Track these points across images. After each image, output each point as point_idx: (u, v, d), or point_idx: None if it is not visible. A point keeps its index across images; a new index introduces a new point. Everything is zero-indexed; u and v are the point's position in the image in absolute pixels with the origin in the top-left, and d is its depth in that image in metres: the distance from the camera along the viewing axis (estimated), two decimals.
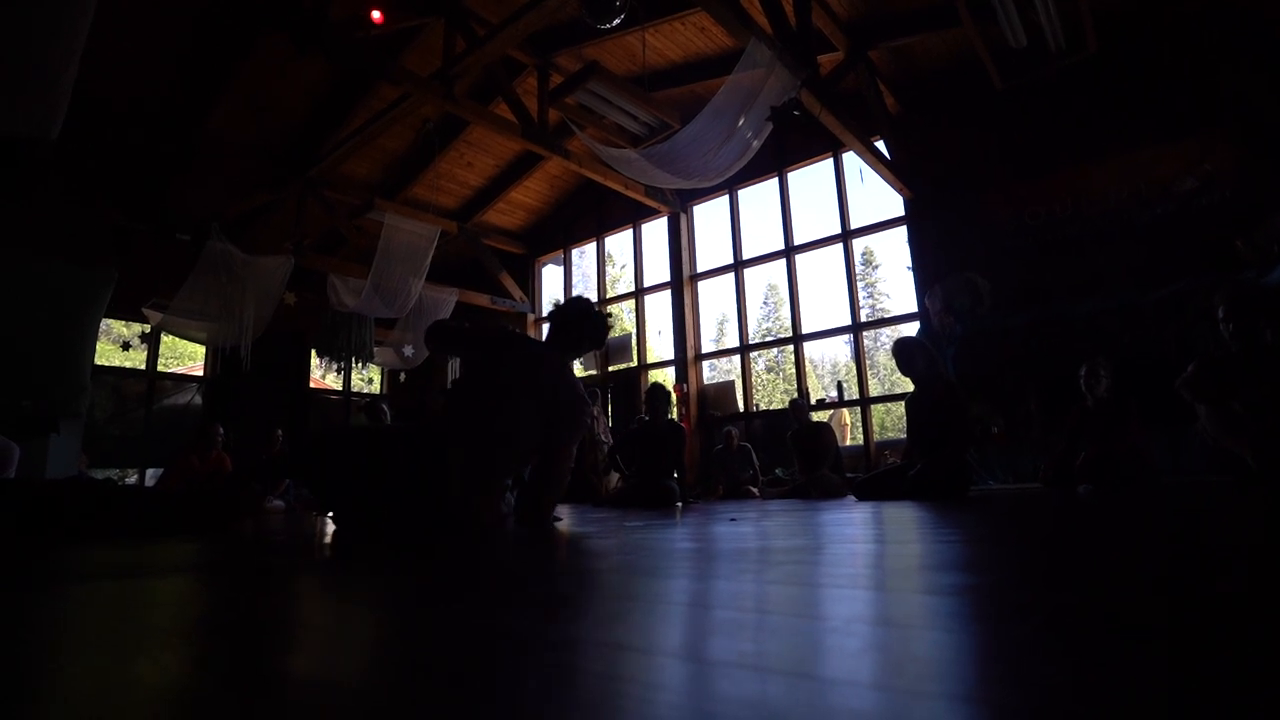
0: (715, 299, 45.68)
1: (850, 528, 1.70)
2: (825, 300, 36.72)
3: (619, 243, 9.66)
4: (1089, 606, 0.59)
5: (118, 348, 7.99)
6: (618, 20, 4.65)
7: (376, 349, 7.95)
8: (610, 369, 8.72)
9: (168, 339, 8.31)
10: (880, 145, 6.31)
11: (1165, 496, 2.52)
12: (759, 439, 7.07)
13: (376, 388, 11.20)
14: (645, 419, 4.94)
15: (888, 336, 22.21)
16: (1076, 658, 0.41)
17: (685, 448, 4.80)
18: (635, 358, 8.74)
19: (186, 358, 18.54)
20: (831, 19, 5.61)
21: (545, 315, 9.59)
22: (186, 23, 5.44)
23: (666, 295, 8.41)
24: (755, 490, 5.90)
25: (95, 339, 4.72)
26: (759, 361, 25.41)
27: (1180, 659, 0.40)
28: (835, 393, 8.16)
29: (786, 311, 14.03)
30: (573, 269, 9.91)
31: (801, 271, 7.64)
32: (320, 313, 7.48)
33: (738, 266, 7.93)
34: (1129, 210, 5.36)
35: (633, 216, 8.67)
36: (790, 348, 7.76)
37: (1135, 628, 0.49)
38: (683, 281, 8.20)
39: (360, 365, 8.30)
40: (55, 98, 2.46)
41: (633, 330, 8.98)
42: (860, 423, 7.23)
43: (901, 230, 6.74)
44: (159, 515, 2.12)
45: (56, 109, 2.48)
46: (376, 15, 5.25)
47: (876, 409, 14.24)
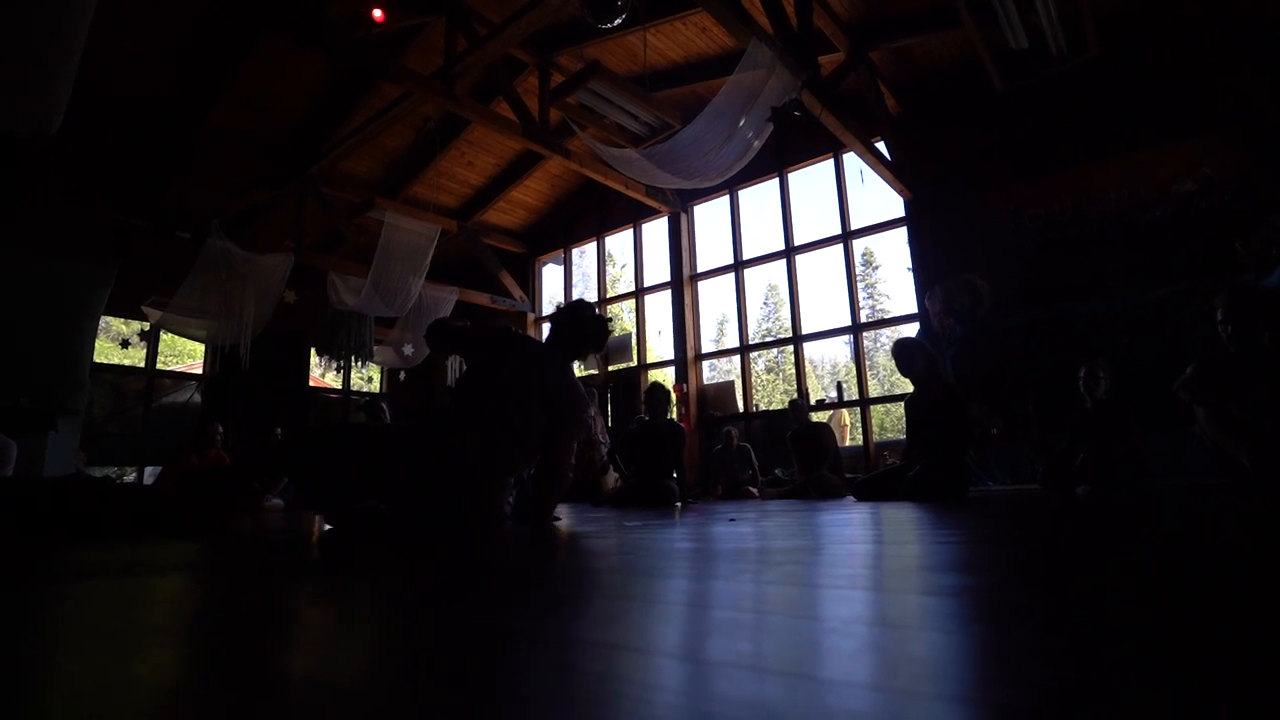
0: (715, 299, 45.73)
1: (849, 528, 1.70)
2: (825, 301, 36.78)
3: (619, 242, 9.66)
4: (1088, 607, 0.59)
5: (116, 345, 7.97)
6: (619, 20, 4.65)
7: (376, 348, 7.95)
8: (610, 369, 8.72)
9: (167, 337, 8.30)
10: (881, 146, 6.32)
11: (1163, 498, 2.52)
12: (758, 439, 7.07)
13: (376, 386, 11.20)
14: (645, 419, 4.94)
15: (887, 337, 22.22)
16: (1076, 658, 0.41)
17: (685, 448, 4.80)
18: (635, 357, 8.74)
19: (186, 356, 18.53)
20: (832, 20, 5.61)
21: (546, 315, 9.59)
22: (187, 22, 5.43)
23: (666, 295, 8.41)
24: (754, 490, 5.90)
25: (94, 336, 4.72)
26: (759, 362, 25.42)
27: (1180, 659, 0.40)
28: (835, 393, 8.16)
29: (786, 312, 14.02)
30: (573, 268, 9.91)
31: (801, 272, 7.65)
32: (320, 311, 7.48)
33: (738, 267, 7.93)
34: (1129, 212, 5.37)
35: (633, 216, 8.67)
36: (790, 348, 7.76)
37: (1134, 628, 0.50)
38: (683, 281, 8.20)
39: (360, 364, 8.30)
40: (55, 93, 2.46)
41: (633, 330, 8.98)
42: (860, 423, 7.23)
43: (901, 231, 6.74)
44: (157, 514, 2.11)
45: (56, 104, 2.48)
46: (378, 14, 5.25)
47: (876, 410, 14.23)
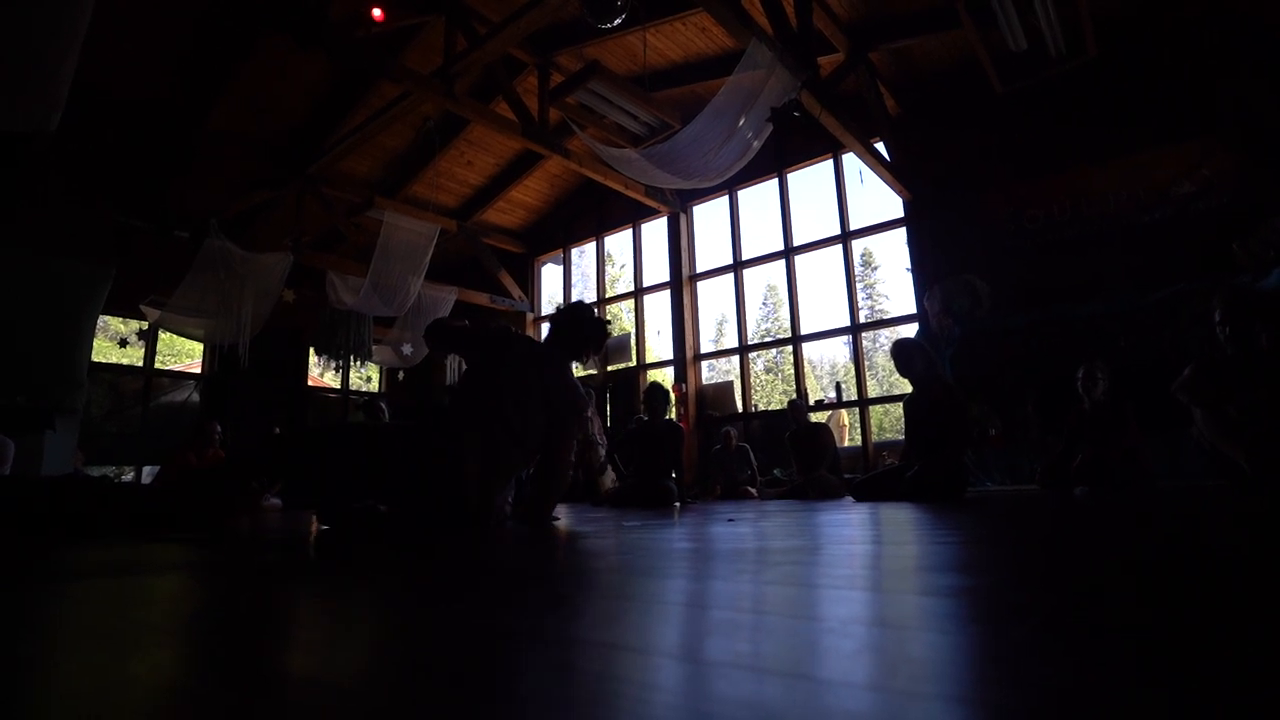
0: (714, 299, 45.73)
1: (848, 529, 1.70)
2: (824, 301, 36.82)
3: (618, 242, 9.67)
4: (1086, 608, 0.59)
5: (115, 344, 7.97)
6: (619, 20, 4.65)
7: (375, 347, 7.95)
8: (609, 369, 8.72)
9: (165, 336, 8.29)
10: (880, 147, 6.32)
11: (1161, 499, 2.53)
12: (757, 439, 7.07)
13: (375, 386, 11.19)
14: (643, 419, 4.94)
15: (886, 338, 22.24)
16: (1074, 659, 0.41)
17: (683, 448, 4.80)
18: (634, 357, 8.74)
19: (184, 355, 18.50)
20: (832, 20, 5.61)
21: (545, 315, 9.59)
22: (187, 24, 5.43)
23: (666, 295, 8.41)
24: (753, 491, 5.90)
25: (92, 335, 4.71)
26: (758, 362, 25.43)
27: (1178, 660, 0.40)
28: (834, 393, 8.16)
29: (785, 312, 14.03)
30: (572, 268, 9.91)
31: (801, 272, 7.65)
32: (319, 310, 7.47)
33: (737, 267, 7.94)
34: (1127, 213, 5.38)
35: (632, 216, 8.67)
36: (789, 348, 7.76)
37: (1132, 629, 0.50)
38: (682, 281, 8.20)
39: (358, 363, 8.28)
40: (54, 91, 2.45)
41: (632, 330, 8.98)
42: (858, 424, 7.23)
43: (901, 232, 6.75)
44: (155, 513, 2.11)
45: (55, 102, 2.48)
46: (377, 13, 5.25)
47: (875, 410, 14.22)
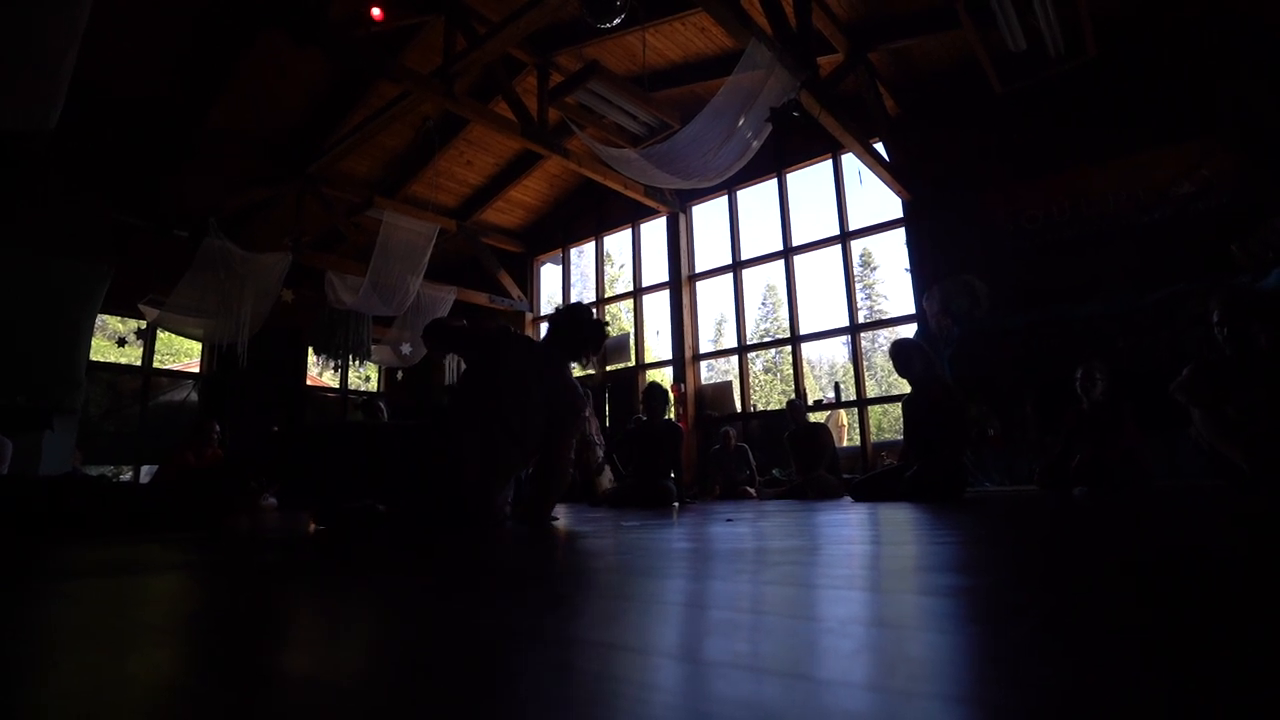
0: (713, 299, 45.77)
1: (846, 529, 1.70)
2: (823, 301, 36.86)
3: (618, 242, 9.67)
4: (1085, 608, 0.59)
5: (113, 344, 7.96)
6: (618, 20, 4.65)
7: (374, 347, 7.94)
8: (608, 369, 8.72)
9: (164, 335, 8.28)
10: (879, 147, 6.32)
11: (1160, 499, 2.53)
12: (756, 439, 7.07)
13: (374, 385, 11.19)
14: (642, 419, 4.94)
15: (885, 338, 22.26)
16: (1073, 659, 0.41)
17: (682, 448, 4.80)
18: (633, 357, 8.74)
19: (183, 354, 18.49)
20: (831, 20, 5.61)
21: (544, 315, 9.58)
22: (187, 22, 5.42)
23: (665, 295, 8.41)
24: (752, 491, 5.90)
25: (90, 335, 4.71)
26: (757, 362, 25.44)
27: (1177, 660, 0.40)
28: (833, 394, 8.16)
29: (784, 312, 14.03)
30: (571, 268, 9.90)
31: (800, 272, 7.65)
32: (318, 310, 7.47)
33: (736, 267, 7.94)
34: (1127, 214, 5.38)
35: (632, 216, 8.67)
36: (788, 348, 7.77)
37: (1131, 629, 0.50)
38: (681, 281, 8.21)
39: (357, 363, 8.28)
40: (52, 89, 2.45)
41: (631, 330, 8.98)
42: (857, 424, 7.23)
43: (900, 232, 6.75)
44: (153, 512, 2.11)
45: (53, 100, 2.47)
46: (376, 13, 5.25)
47: (874, 410, 14.21)
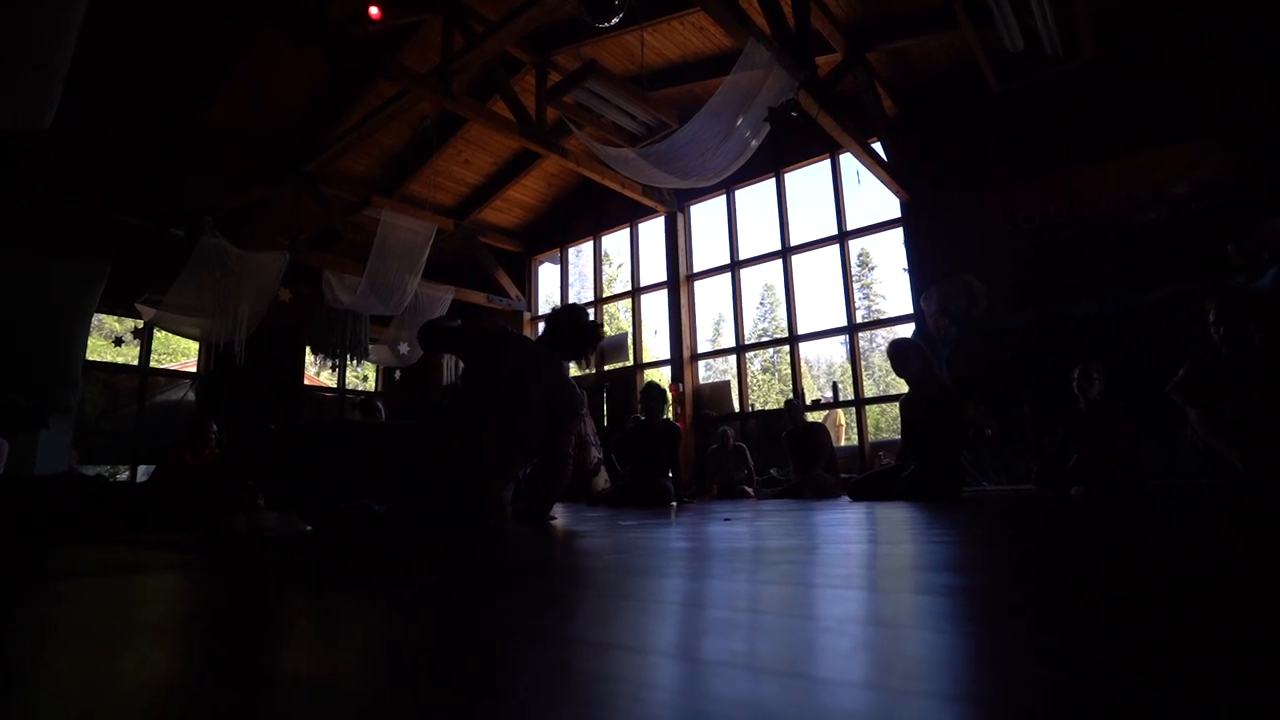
0: (712, 299, 45.80)
1: (844, 528, 1.70)
2: (821, 301, 36.95)
3: (616, 242, 9.67)
4: (1081, 607, 0.59)
5: (110, 343, 7.94)
6: (617, 19, 4.65)
7: (371, 346, 7.93)
8: (606, 368, 8.72)
9: (161, 335, 8.25)
10: (877, 147, 6.32)
11: (1156, 499, 2.54)
12: (754, 439, 7.08)
13: (371, 385, 11.17)
14: (640, 418, 4.94)
15: (883, 338, 22.28)
16: (1069, 658, 0.41)
17: (680, 447, 4.80)
18: (631, 357, 8.74)
19: (180, 354, 18.46)
20: (830, 20, 5.61)
21: (542, 314, 9.58)
22: (186, 21, 5.41)
23: (663, 295, 8.41)
24: (750, 490, 5.91)
25: (87, 334, 4.69)
26: (755, 362, 25.46)
27: (1173, 659, 0.41)
28: (830, 393, 8.18)
29: (782, 312, 14.03)
30: (569, 268, 9.89)
31: (798, 272, 7.65)
32: (315, 309, 7.45)
33: (734, 267, 7.94)
34: (1124, 214, 5.39)
35: (630, 216, 8.67)
36: (786, 348, 7.78)
37: (1127, 628, 0.50)
38: (679, 281, 8.20)
39: (355, 362, 8.27)
40: (48, 89, 2.44)
41: (629, 329, 8.97)
42: (855, 423, 7.24)
43: (898, 232, 6.76)
44: (150, 511, 2.10)
45: (49, 100, 2.46)
46: (375, 11, 5.23)
47: (871, 410, 14.21)
